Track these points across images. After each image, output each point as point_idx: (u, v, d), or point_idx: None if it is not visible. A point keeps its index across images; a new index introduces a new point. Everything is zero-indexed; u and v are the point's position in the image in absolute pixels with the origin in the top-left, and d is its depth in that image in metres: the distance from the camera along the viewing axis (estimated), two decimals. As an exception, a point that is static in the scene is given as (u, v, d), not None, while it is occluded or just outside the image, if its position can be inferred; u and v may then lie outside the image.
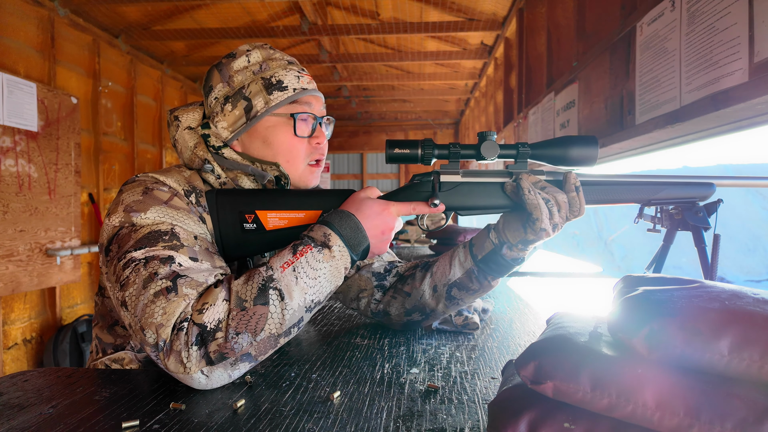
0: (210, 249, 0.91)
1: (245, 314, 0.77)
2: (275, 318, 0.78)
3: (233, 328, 0.76)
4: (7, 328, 3.27)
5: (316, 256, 0.83)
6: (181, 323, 0.75)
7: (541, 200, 0.89)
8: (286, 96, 1.00)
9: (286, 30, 4.04)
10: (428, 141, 0.92)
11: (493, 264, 1.00)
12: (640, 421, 0.45)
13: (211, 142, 1.00)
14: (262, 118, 1.00)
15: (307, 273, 0.82)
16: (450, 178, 0.96)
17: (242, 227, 0.95)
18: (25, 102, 3.17)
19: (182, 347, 0.74)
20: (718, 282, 0.53)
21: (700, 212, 0.98)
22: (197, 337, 0.75)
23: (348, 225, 0.88)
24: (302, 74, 1.04)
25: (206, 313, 0.76)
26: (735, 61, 1.17)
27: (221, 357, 0.76)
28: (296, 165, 1.03)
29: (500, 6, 3.70)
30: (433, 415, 0.71)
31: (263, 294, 0.78)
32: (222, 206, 0.95)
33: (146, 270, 0.80)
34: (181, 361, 0.75)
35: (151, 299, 0.77)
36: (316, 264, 0.83)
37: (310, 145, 1.04)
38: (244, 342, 0.76)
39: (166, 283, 0.78)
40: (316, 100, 1.04)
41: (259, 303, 0.77)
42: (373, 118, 8.22)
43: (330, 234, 0.86)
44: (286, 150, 1.01)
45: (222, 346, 0.75)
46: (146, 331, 0.76)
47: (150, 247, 0.82)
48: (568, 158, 0.93)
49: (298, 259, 0.82)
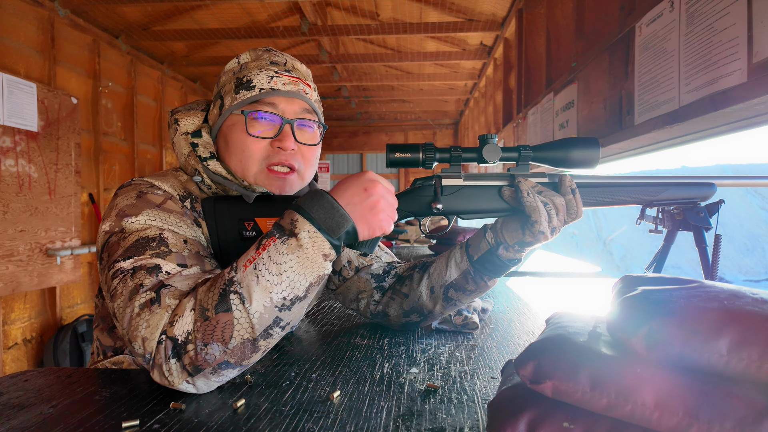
0: (201, 252, 0.89)
1: (209, 324, 0.73)
2: (242, 323, 0.73)
3: (200, 340, 0.73)
4: (7, 328, 3.27)
5: (279, 248, 0.75)
6: (161, 336, 0.74)
7: (540, 203, 0.88)
8: (249, 95, 0.97)
9: (285, 30, 4.04)
10: (429, 145, 0.91)
11: (489, 264, 0.99)
12: (639, 420, 0.45)
13: (198, 152, 0.99)
14: (225, 117, 0.99)
15: (269, 269, 0.74)
16: (452, 182, 0.95)
17: (241, 235, 0.94)
18: (25, 102, 3.17)
19: (163, 361, 0.74)
20: (717, 282, 0.54)
21: (701, 212, 0.98)
22: (173, 350, 0.73)
23: (320, 206, 0.77)
24: (281, 75, 0.98)
25: (176, 325, 0.74)
26: (734, 61, 1.17)
27: (197, 369, 0.74)
28: (248, 166, 0.97)
29: (499, 6, 3.71)
30: (432, 414, 0.71)
31: (224, 300, 0.73)
32: (220, 214, 0.94)
33: (132, 281, 0.79)
34: (164, 374, 0.74)
35: (137, 312, 0.76)
36: (278, 258, 0.74)
37: (272, 147, 0.97)
38: (215, 352, 0.73)
39: (150, 295, 0.77)
40: (288, 101, 0.98)
41: (221, 310, 0.73)
42: (372, 118, 8.21)
43: (297, 219, 0.76)
44: (238, 149, 0.97)
45: (194, 358, 0.73)
46: (134, 343, 0.76)
47: (138, 256, 0.81)
48: (570, 160, 0.92)
49: (259, 255, 0.75)
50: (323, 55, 4.68)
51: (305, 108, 1.01)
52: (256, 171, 0.97)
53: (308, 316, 1.36)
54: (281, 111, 0.98)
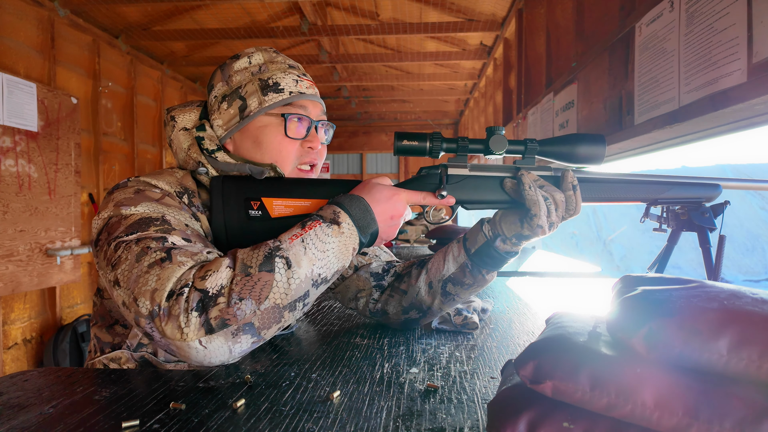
0: (201, 236, 0.90)
1: (249, 280, 0.75)
2: (280, 286, 0.76)
3: (236, 293, 0.74)
4: (7, 328, 3.27)
5: (325, 230, 0.83)
6: (181, 288, 0.74)
7: (541, 197, 0.90)
8: (281, 98, 1.00)
9: (285, 30, 4.04)
10: (437, 134, 0.93)
11: (486, 257, 1.00)
12: (639, 420, 0.45)
13: (204, 145, 1.00)
14: (254, 118, 1.00)
15: (315, 245, 0.81)
16: (458, 172, 0.96)
17: (247, 214, 0.95)
18: (25, 102, 3.17)
19: (181, 312, 0.72)
20: (717, 282, 0.54)
21: (706, 213, 0.98)
22: (198, 303, 0.73)
23: (357, 206, 0.88)
24: (302, 79, 1.04)
25: (209, 279, 0.74)
26: (734, 61, 1.17)
27: (222, 323, 0.73)
28: (284, 166, 1.02)
29: (499, 6, 3.71)
30: (432, 414, 0.71)
31: (269, 261, 0.77)
32: (228, 192, 0.95)
33: (138, 246, 0.79)
34: (179, 326, 0.72)
35: (145, 270, 0.76)
36: (325, 237, 0.82)
37: (302, 148, 1.03)
38: (247, 308, 0.74)
39: (160, 255, 0.77)
40: (313, 105, 1.04)
41: (264, 270, 0.76)
42: (372, 118, 8.22)
43: (339, 212, 0.86)
44: (275, 150, 1.01)
45: (224, 311, 0.73)
46: (139, 300, 0.74)
47: (142, 232, 0.82)
48: (576, 156, 0.93)
49: (306, 231, 0.82)
50: (323, 55, 4.68)
51: (323, 110, 1.09)
52: (290, 170, 1.04)
53: (308, 316, 1.36)
54: (308, 113, 1.04)
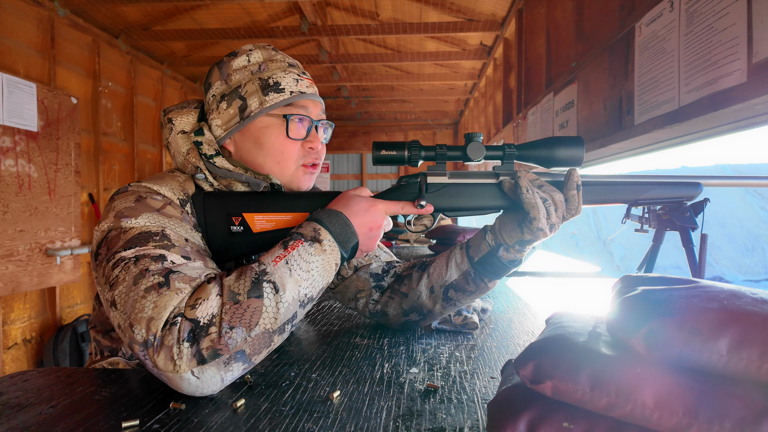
0: (201, 252, 0.89)
1: (239, 308, 0.74)
2: (270, 311, 0.76)
3: (227, 322, 0.73)
4: (7, 328, 3.27)
5: (308, 249, 0.83)
6: (175, 318, 0.73)
7: (539, 199, 0.88)
8: (282, 98, 0.99)
9: (285, 30, 4.04)
10: (415, 143, 0.93)
11: (489, 266, 0.99)
12: (639, 420, 0.45)
13: (203, 150, 0.99)
14: (255, 119, 0.99)
15: (300, 266, 0.81)
16: (437, 180, 0.96)
17: (229, 230, 0.95)
18: (25, 102, 3.17)
19: (174, 343, 0.71)
20: (717, 282, 0.54)
21: (686, 212, 0.97)
22: (189, 334, 0.72)
23: (337, 221, 0.88)
24: (302, 78, 1.03)
25: (199, 308, 0.73)
26: (734, 61, 1.17)
27: (214, 354, 0.72)
28: (287, 167, 1.01)
29: (499, 6, 3.71)
30: (432, 414, 0.71)
31: (257, 287, 0.76)
32: (209, 209, 0.95)
33: (137, 267, 0.78)
34: (172, 357, 0.71)
35: (142, 295, 0.75)
36: (308, 257, 0.82)
37: (303, 148, 1.03)
38: (238, 337, 0.73)
39: (158, 279, 0.76)
40: (313, 104, 1.03)
41: (253, 296, 0.75)
42: (372, 118, 8.21)
43: (319, 229, 0.86)
44: (277, 151, 1.00)
45: (215, 341, 0.72)
46: (135, 328, 0.73)
47: (140, 247, 0.81)
48: (555, 159, 0.92)
49: (290, 252, 0.82)
50: (323, 55, 4.68)
51: (322, 109, 1.08)
52: (293, 171, 1.03)
53: (308, 316, 1.36)
54: (309, 113, 1.03)
